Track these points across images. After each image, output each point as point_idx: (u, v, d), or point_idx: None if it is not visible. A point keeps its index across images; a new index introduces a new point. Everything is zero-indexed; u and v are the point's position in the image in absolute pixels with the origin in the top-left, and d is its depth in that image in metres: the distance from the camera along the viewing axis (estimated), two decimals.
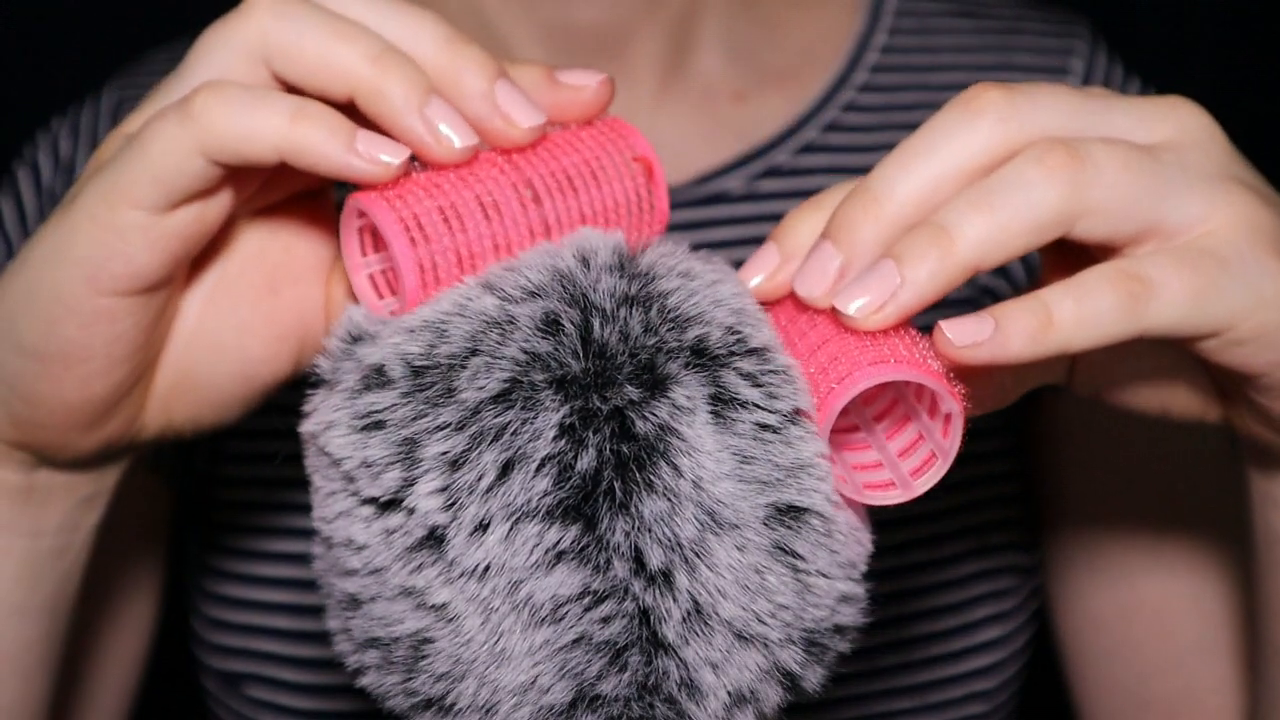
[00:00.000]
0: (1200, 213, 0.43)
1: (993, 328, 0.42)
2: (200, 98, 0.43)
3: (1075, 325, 0.42)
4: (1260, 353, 0.44)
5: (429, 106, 0.43)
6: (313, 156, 0.43)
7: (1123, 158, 0.43)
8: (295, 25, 0.43)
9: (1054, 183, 0.42)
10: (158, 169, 0.43)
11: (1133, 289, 0.42)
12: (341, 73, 0.43)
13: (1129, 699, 0.76)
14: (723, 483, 0.41)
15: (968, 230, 0.42)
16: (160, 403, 0.50)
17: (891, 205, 0.43)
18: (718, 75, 0.73)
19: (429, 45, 0.44)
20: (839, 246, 0.43)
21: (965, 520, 0.73)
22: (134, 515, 0.74)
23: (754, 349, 0.42)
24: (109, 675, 0.75)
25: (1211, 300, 0.43)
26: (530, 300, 0.42)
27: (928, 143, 0.43)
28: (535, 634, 0.40)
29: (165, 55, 0.76)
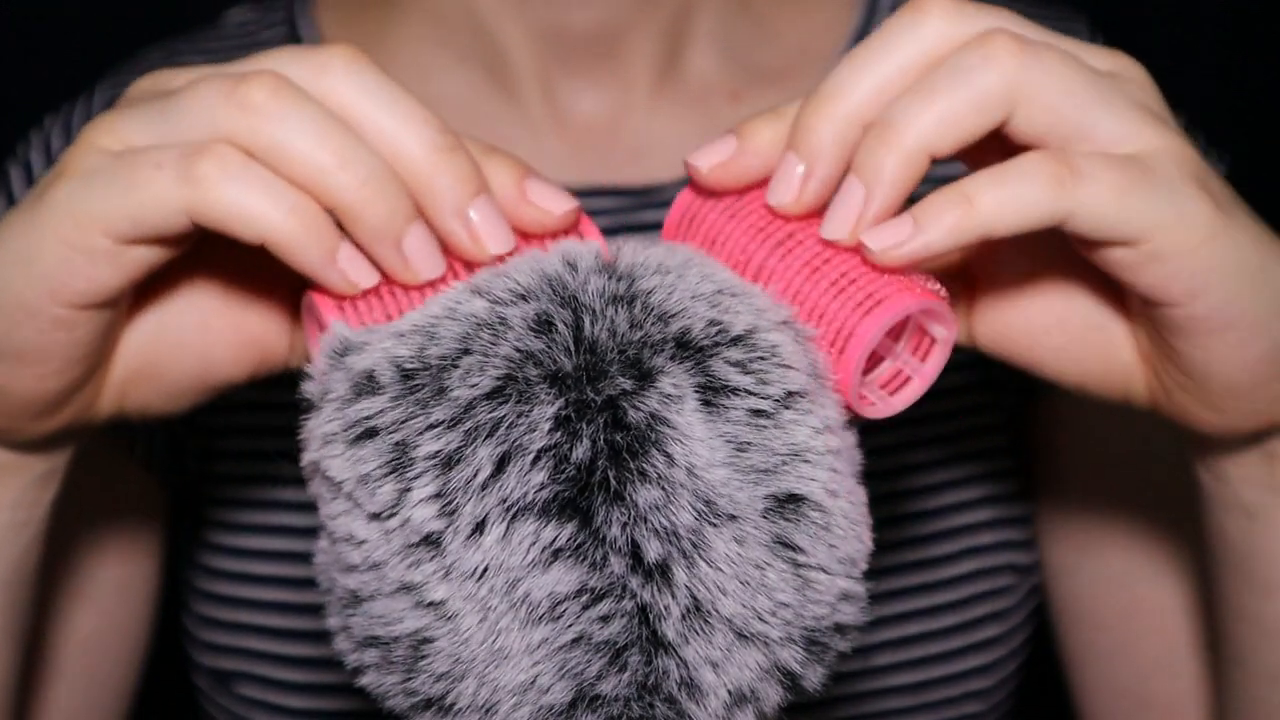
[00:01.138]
0: (1131, 131, 0.45)
1: (911, 224, 0.43)
2: (207, 164, 0.43)
3: (997, 207, 0.43)
4: (1176, 276, 0.45)
5: (406, 237, 0.44)
6: (293, 256, 0.44)
7: (1066, 57, 0.45)
8: (285, 131, 0.43)
9: (997, 64, 0.44)
10: (141, 214, 0.44)
11: (1059, 173, 0.43)
12: (325, 193, 0.44)
13: (1129, 699, 0.76)
14: (717, 470, 0.41)
15: (914, 120, 0.44)
16: (115, 391, 0.50)
17: (845, 105, 0.45)
18: (713, 75, 0.73)
19: (417, 151, 0.44)
20: (800, 153, 0.45)
21: (963, 518, 0.73)
22: (129, 513, 0.74)
23: (737, 336, 0.42)
24: (106, 672, 0.75)
25: (1135, 199, 0.44)
26: (521, 302, 0.42)
27: (878, 44, 0.45)
28: (534, 632, 0.40)
29: (159, 55, 0.76)
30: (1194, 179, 0.45)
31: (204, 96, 0.44)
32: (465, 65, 0.72)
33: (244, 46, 0.76)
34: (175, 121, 0.44)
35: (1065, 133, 0.44)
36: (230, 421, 0.73)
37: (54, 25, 1.31)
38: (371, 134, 0.44)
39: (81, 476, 0.71)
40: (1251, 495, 0.53)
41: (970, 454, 0.74)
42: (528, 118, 0.72)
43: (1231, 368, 0.47)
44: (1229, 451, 0.52)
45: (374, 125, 0.44)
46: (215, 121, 0.43)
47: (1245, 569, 0.55)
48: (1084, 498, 0.75)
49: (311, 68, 0.44)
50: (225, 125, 0.43)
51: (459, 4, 0.72)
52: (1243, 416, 0.49)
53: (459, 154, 0.45)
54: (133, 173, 0.44)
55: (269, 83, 0.43)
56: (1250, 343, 0.46)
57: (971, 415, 0.74)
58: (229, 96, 0.43)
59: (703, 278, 0.44)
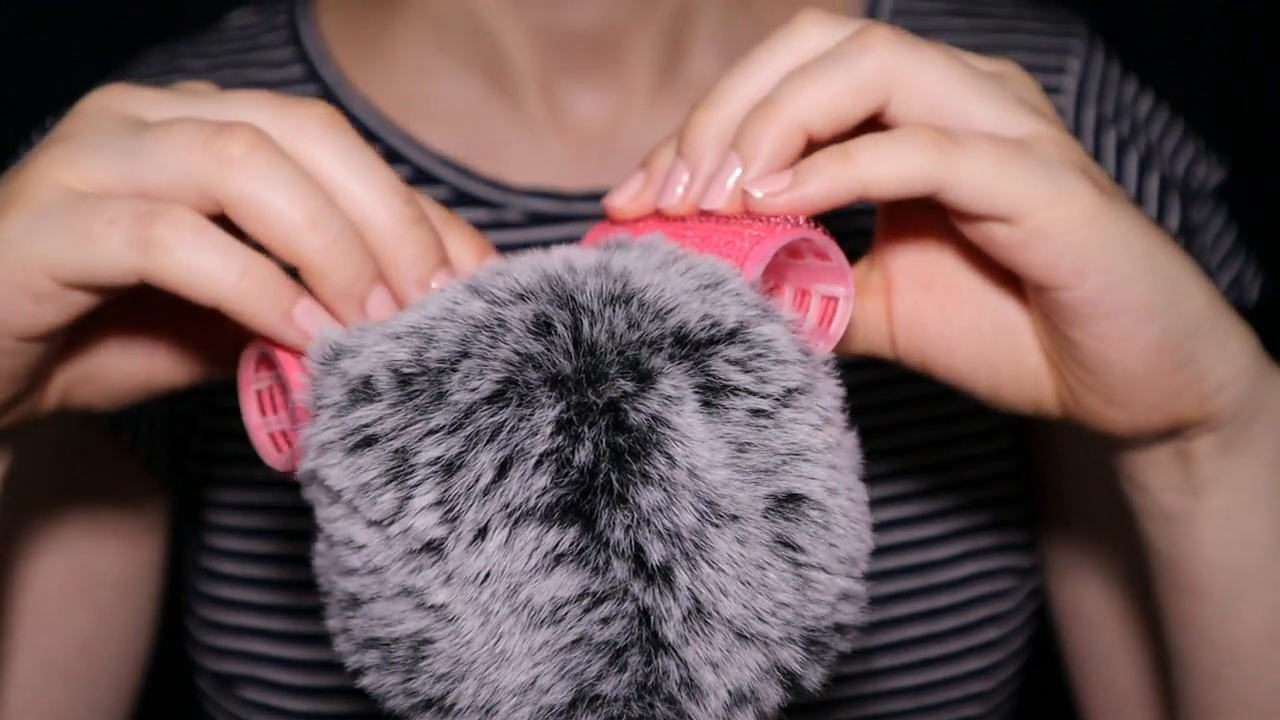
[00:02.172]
0: (1012, 120, 0.46)
1: (790, 175, 0.45)
2: (162, 229, 0.43)
3: (874, 164, 0.45)
4: (1061, 255, 0.46)
5: (370, 299, 0.45)
6: (247, 319, 0.44)
7: (944, 51, 0.47)
8: (260, 188, 0.44)
9: (873, 51, 0.46)
10: (90, 269, 0.44)
11: (939, 140, 0.45)
12: (293, 252, 0.44)
13: (1129, 700, 0.76)
14: (718, 471, 0.41)
15: (791, 98, 0.46)
16: (58, 391, 0.50)
17: (723, 109, 0.48)
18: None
19: (385, 221, 0.45)
20: (685, 159, 0.48)
21: (963, 522, 0.73)
22: (130, 514, 0.74)
23: (732, 331, 0.42)
24: (107, 673, 0.75)
25: (1014, 173, 0.45)
26: (519, 303, 0.42)
27: (756, 55, 0.48)
28: (535, 635, 0.40)
29: (160, 56, 0.76)
30: (1075, 164, 0.46)
31: (179, 142, 0.44)
32: (465, 67, 0.73)
33: (246, 49, 0.76)
34: (145, 164, 0.44)
35: (944, 119, 0.46)
36: (231, 424, 0.73)
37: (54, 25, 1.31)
38: (341, 198, 0.45)
39: (81, 475, 0.71)
40: (1171, 500, 0.53)
41: (970, 457, 0.74)
42: (528, 120, 0.72)
43: (1126, 355, 0.47)
44: (1144, 456, 0.53)
45: (345, 190, 0.45)
46: (189, 168, 0.44)
47: (1173, 574, 0.55)
48: (1084, 501, 0.75)
49: (289, 127, 0.45)
50: (200, 174, 0.44)
51: (459, 6, 0.72)
52: (1147, 411, 0.49)
53: (423, 226, 0.46)
54: (87, 225, 0.44)
55: (248, 137, 0.44)
56: (1142, 327, 0.47)
57: (971, 419, 0.74)
58: (206, 146, 0.44)
59: (681, 271, 0.44)
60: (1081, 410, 0.50)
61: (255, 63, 0.75)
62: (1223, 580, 0.54)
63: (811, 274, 0.47)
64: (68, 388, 0.51)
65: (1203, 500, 0.53)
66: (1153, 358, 0.48)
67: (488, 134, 0.72)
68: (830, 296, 0.47)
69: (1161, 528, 0.54)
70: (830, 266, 0.47)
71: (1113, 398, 0.49)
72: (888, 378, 0.71)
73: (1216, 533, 0.53)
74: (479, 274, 0.44)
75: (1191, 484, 0.52)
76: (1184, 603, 0.55)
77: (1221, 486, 0.52)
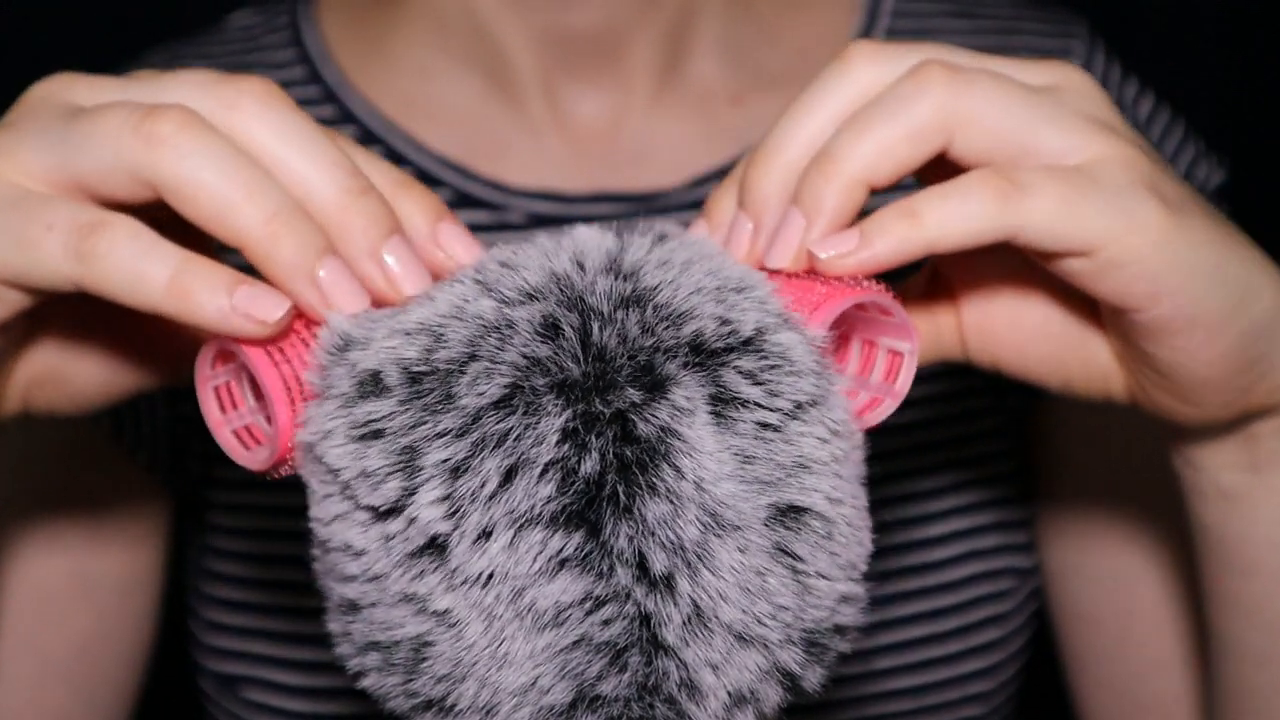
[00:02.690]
0: (1077, 143, 0.45)
1: (858, 235, 0.45)
2: (104, 242, 0.42)
3: (941, 222, 0.44)
4: (1135, 282, 0.45)
5: (321, 268, 0.43)
6: (186, 318, 0.42)
7: (998, 79, 0.46)
8: (190, 166, 0.42)
9: (929, 93, 0.45)
10: (26, 273, 0.43)
11: (1003, 187, 0.44)
12: (232, 229, 0.42)
13: (1128, 700, 0.76)
14: (724, 483, 0.41)
15: (851, 151, 0.45)
16: (19, 394, 0.50)
17: (783, 158, 0.47)
18: (714, 78, 0.73)
19: (327, 192, 0.44)
20: (748, 211, 0.47)
21: (963, 523, 0.73)
22: (131, 515, 0.74)
23: (748, 339, 0.42)
24: (107, 673, 0.75)
25: (1082, 210, 0.44)
26: (528, 303, 0.42)
27: (809, 97, 0.47)
28: (537, 638, 0.40)
29: (161, 57, 0.76)
30: (1143, 183, 0.45)
31: (110, 126, 0.43)
32: (467, 69, 0.73)
33: (247, 50, 0.76)
34: (77, 148, 0.43)
35: (1008, 152, 0.45)
36: None
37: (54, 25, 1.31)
38: (281, 174, 0.43)
39: (82, 477, 0.71)
40: (1229, 478, 0.53)
41: (971, 458, 0.74)
42: (529, 121, 0.72)
43: (1202, 365, 0.47)
44: (1207, 440, 0.53)
45: (284, 165, 0.43)
46: (119, 153, 0.43)
47: (1225, 553, 0.55)
48: (1084, 500, 0.75)
49: (222, 103, 0.44)
50: (129, 157, 0.43)
51: (461, 7, 0.72)
52: (1219, 408, 0.50)
53: (370, 196, 0.44)
54: (24, 227, 0.43)
55: (176, 116, 0.43)
56: (1216, 338, 0.47)
57: (973, 420, 0.74)
58: (136, 129, 0.43)
59: (707, 272, 0.44)
60: (1151, 404, 0.50)
61: (257, 64, 0.75)
62: (1275, 559, 0.54)
63: (876, 327, 0.47)
64: (27, 390, 0.50)
65: (1262, 478, 0.53)
66: (1227, 363, 0.48)
67: (489, 135, 0.72)
68: (896, 351, 0.47)
69: (1216, 506, 0.54)
70: (893, 322, 0.46)
71: (1186, 398, 0.49)
72: None
73: (1273, 511, 0.53)
74: (489, 266, 0.43)
75: (1253, 462, 0.52)
76: (1233, 582, 0.56)
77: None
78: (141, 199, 0.43)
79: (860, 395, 0.47)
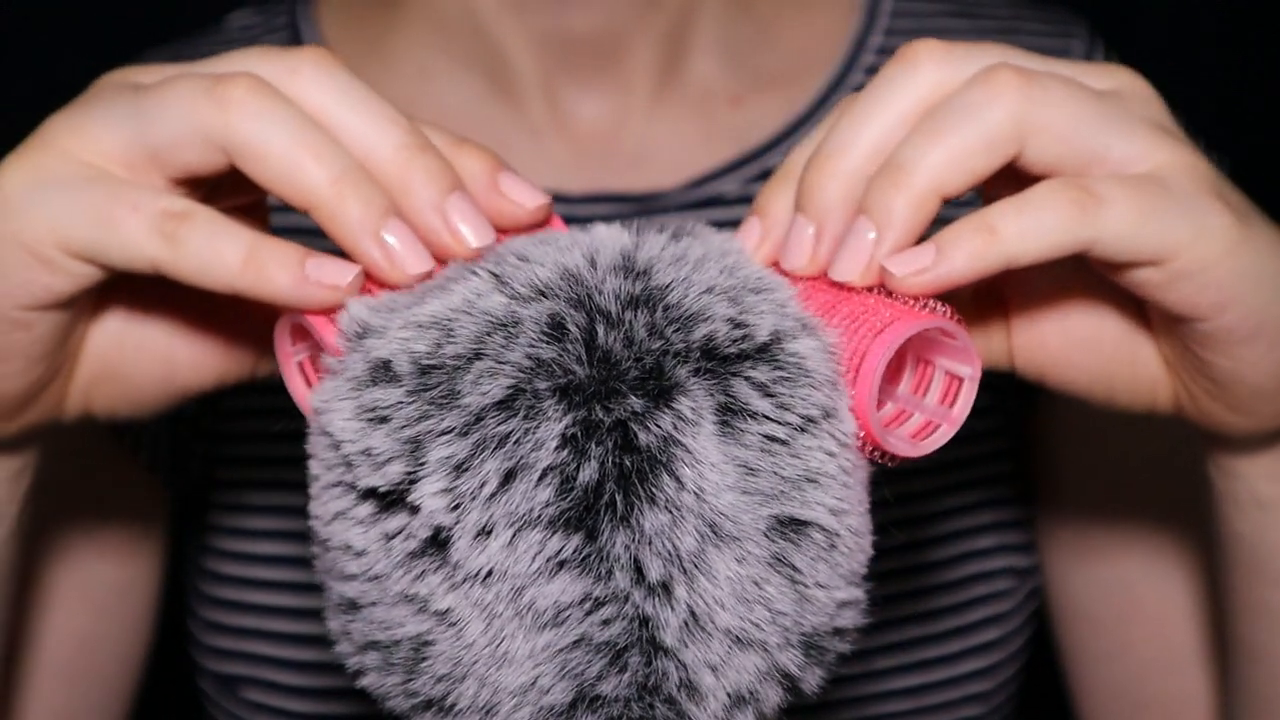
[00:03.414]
0: (1143, 150, 0.44)
1: (934, 251, 0.43)
2: (185, 226, 0.43)
3: (1019, 236, 0.43)
4: (1203, 291, 0.45)
5: (385, 229, 0.44)
6: (261, 293, 0.44)
7: (1068, 84, 0.44)
8: (262, 127, 0.43)
9: (1002, 100, 0.43)
10: (107, 251, 0.44)
11: (1079, 198, 0.43)
12: (300, 190, 0.43)
13: (1127, 700, 0.76)
14: (725, 495, 0.40)
15: (923, 161, 0.43)
16: (81, 392, 0.50)
17: (848, 161, 0.45)
18: (714, 79, 0.73)
19: (386, 151, 0.44)
20: (809, 214, 0.45)
21: (962, 523, 0.73)
22: (132, 515, 0.74)
23: (762, 346, 0.42)
24: (105, 673, 0.75)
25: (1157, 219, 0.43)
26: (537, 300, 0.42)
27: (874, 95, 0.45)
28: (537, 638, 0.40)
29: (165, 55, 0.76)
30: (1211, 191, 0.44)
31: (182, 93, 0.44)
32: (467, 70, 0.73)
33: None
34: (150, 119, 0.44)
35: (1078, 160, 0.44)
36: (235, 426, 0.73)
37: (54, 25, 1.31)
38: (343, 133, 0.44)
39: (83, 476, 0.71)
40: (1265, 488, 0.53)
41: (970, 459, 0.74)
42: (529, 122, 0.72)
43: (1260, 374, 0.47)
44: (1248, 450, 0.52)
45: (344, 126, 0.44)
46: (193, 119, 0.43)
47: (1257, 562, 0.55)
48: (1084, 501, 0.75)
49: (282, 69, 0.45)
50: (203, 123, 0.43)
51: (461, 9, 0.72)
52: (1269, 418, 0.49)
53: (429, 152, 0.45)
54: (109, 206, 0.44)
55: (246, 81, 0.43)
56: (1277, 347, 0.47)
57: (972, 420, 0.73)
58: (208, 93, 0.43)
59: (722, 270, 0.43)
60: (1200, 415, 0.50)
61: None
62: None
63: (935, 346, 0.45)
64: (89, 388, 0.50)
65: None
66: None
67: (489, 136, 0.72)
68: (954, 374, 0.45)
69: (1251, 514, 0.54)
70: (955, 344, 0.45)
71: (1238, 408, 0.48)
72: None
73: None
74: (507, 259, 0.43)
75: None
76: (1264, 591, 0.55)
77: None
78: (213, 166, 0.44)
79: (914, 417, 0.46)
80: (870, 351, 0.42)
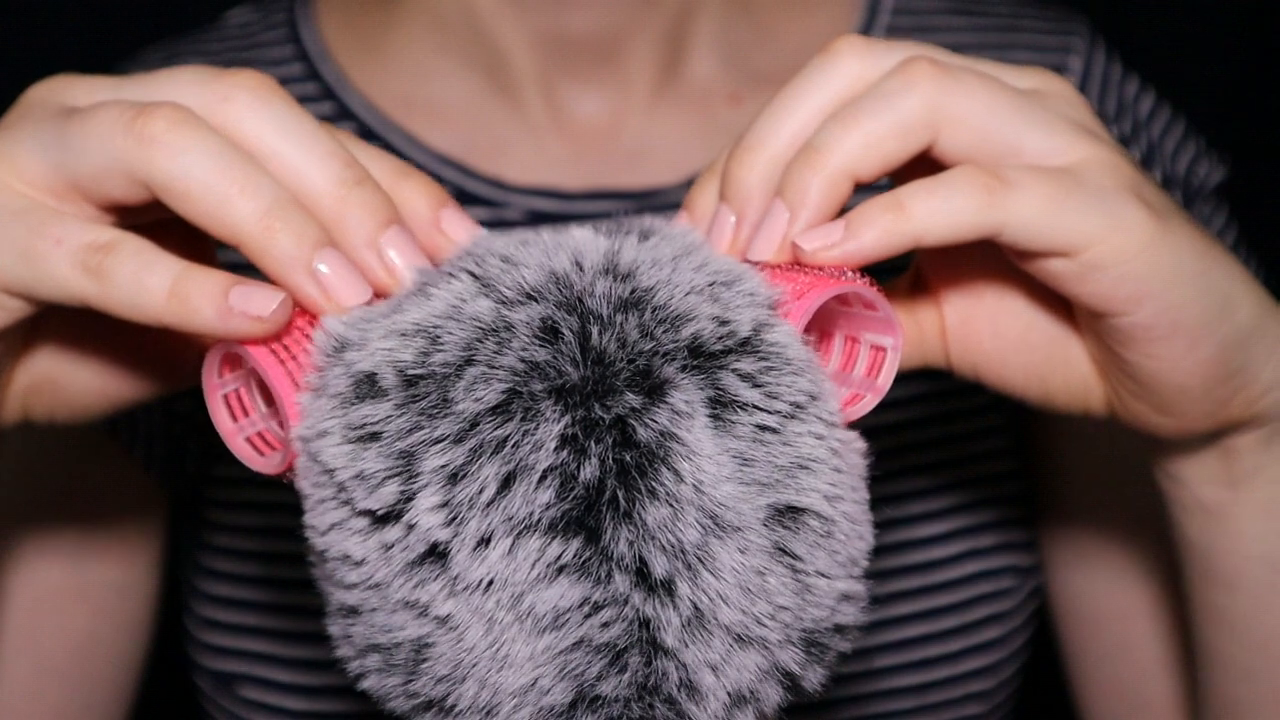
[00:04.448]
0: (1060, 146, 0.45)
1: (844, 227, 0.44)
2: (110, 259, 0.42)
3: (927, 215, 0.44)
4: (1117, 285, 0.45)
5: (319, 259, 0.42)
6: (188, 325, 0.42)
7: (985, 78, 0.45)
8: (182, 164, 0.42)
9: (918, 89, 0.45)
10: (33, 286, 0.43)
11: (989, 183, 0.44)
12: (226, 225, 0.42)
13: (1128, 700, 0.76)
14: (724, 485, 0.41)
15: (837, 144, 0.45)
16: (18, 400, 0.50)
17: (767, 151, 0.46)
18: (713, 78, 0.73)
19: (322, 184, 0.43)
20: (730, 203, 0.47)
21: (963, 521, 0.73)
22: (128, 514, 0.74)
23: (745, 339, 0.42)
24: (104, 673, 0.75)
25: (1067, 209, 0.44)
26: (526, 304, 0.42)
27: (794, 89, 0.47)
28: (537, 641, 0.40)
29: (160, 55, 0.76)
30: (1128, 187, 0.45)
31: (102, 126, 0.43)
32: (466, 68, 0.73)
33: (245, 48, 0.76)
34: (71, 151, 0.43)
35: (993, 151, 0.45)
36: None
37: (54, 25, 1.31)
38: (275, 167, 0.43)
39: (79, 475, 0.71)
40: (1209, 493, 0.53)
41: (971, 457, 0.74)
42: (528, 121, 0.72)
43: (1181, 373, 0.47)
44: (1186, 454, 0.53)
45: (278, 157, 0.43)
46: (113, 153, 0.42)
47: (1207, 566, 0.55)
48: (1084, 500, 0.75)
49: (214, 97, 0.43)
50: (122, 157, 0.42)
51: (459, 6, 0.72)
52: (1197, 419, 0.49)
53: (367, 186, 0.43)
54: (31, 239, 0.43)
55: (167, 114, 0.42)
56: (1197, 346, 0.47)
57: (973, 418, 0.74)
58: (128, 128, 0.42)
59: (696, 267, 0.43)
60: (1130, 415, 0.50)
61: (254, 61, 0.75)
62: (1258, 573, 0.54)
63: (860, 321, 0.47)
64: (26, 398, 0.50)
65: (1241, 493, 0.53)
66: (1206, 372, 0.48)
67: (488, 134, 0.72)
68: (879, 346, 0.47)
69: (1197, 520, 0.54)
70: (878, 316, 0.46)
71: (1164, 408, 0.49)
72: None
73: (1254, 525, 0.53)
74: (488, 260, 0.43)
75: (1231, 477, 0.52)
76: (1216, 596, 0.55)
77: (1261, 480, 0.52)
78: (138, 199, 0.43)
79: (841, 391, 0.46)
80: (790, 314, 0.44)
